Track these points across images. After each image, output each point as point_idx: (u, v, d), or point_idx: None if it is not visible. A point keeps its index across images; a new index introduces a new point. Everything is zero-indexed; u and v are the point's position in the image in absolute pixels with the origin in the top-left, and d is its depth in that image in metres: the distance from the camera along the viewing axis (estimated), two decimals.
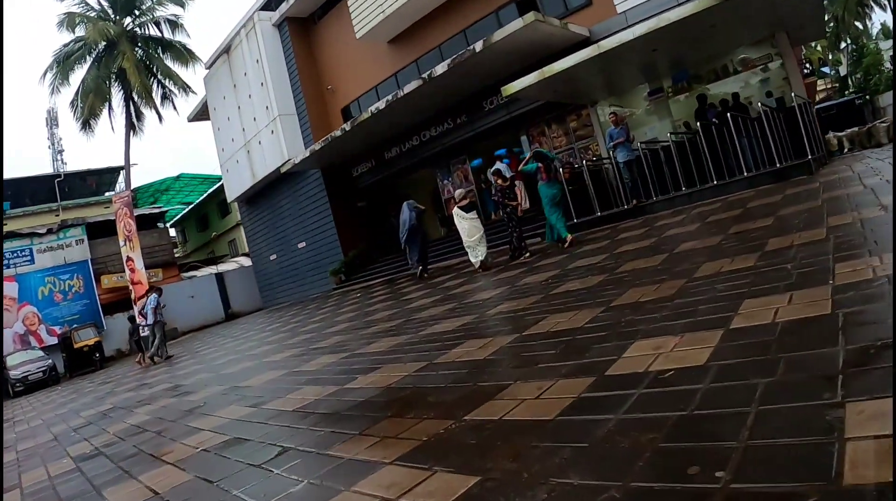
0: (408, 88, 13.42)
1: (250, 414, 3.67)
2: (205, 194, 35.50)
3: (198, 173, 38.53)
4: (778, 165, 9.23)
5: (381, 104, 14.06)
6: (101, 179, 39.98)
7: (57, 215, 31.95)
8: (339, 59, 19.02)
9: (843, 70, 35.18)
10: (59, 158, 46.62)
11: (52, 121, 48.62)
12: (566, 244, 8.87)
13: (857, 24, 31.60)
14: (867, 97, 28.95)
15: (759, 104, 10.32)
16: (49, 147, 50.52)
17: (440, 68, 12.67)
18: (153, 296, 12.27)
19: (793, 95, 11.21)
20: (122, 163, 37.27)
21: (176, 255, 41.79)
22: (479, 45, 12.12)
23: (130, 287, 24.62)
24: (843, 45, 33.63)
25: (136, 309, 14.13)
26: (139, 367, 11.95)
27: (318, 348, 6.24)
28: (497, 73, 13.03)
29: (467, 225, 9.31)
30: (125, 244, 24.76)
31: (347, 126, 15.15)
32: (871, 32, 33.79)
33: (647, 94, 14.53)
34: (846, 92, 32.25)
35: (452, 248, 14.16)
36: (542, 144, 15.73)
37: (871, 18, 32.42)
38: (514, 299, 5.27)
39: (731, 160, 11.22)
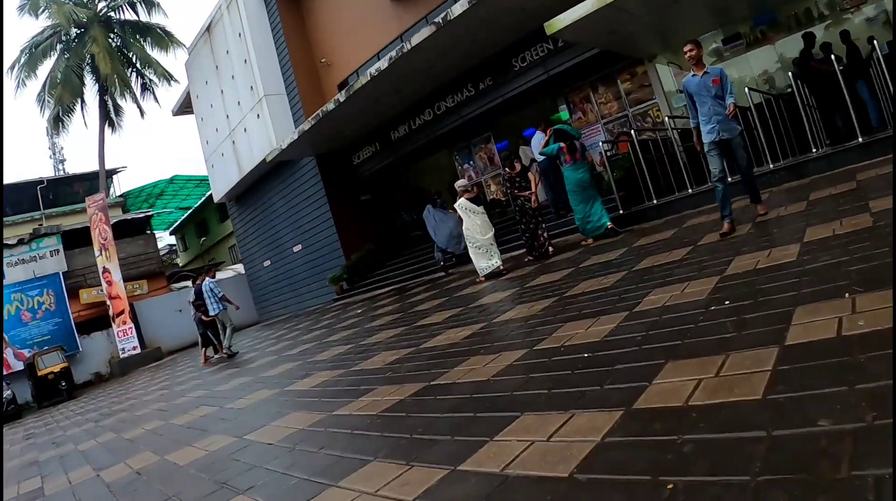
0: (417, 39, 10.28)
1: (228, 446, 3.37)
2: (203, 198, 32.69)
3: (193, 175, 35.79)
4: None
5: (383, 63, 10.93)
6: (91, 185, 37.43)
7: (40, 225, 29.29)
8: (334, 26, 15.93)
9: None
10: (61, 167, 44.33)
11: (53, 130, 46.62)
12: (615, 234, 7.56)
13: None
14: None
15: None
16: (50, 157, 48.21)
17: (458, 7, 9.52)
18: (207, 281, 10.43)
19: None
20: (115, 166, 34.85)
21: (178, 263, 39.40)
22: None
23: (108, 302, 21.80)
24: None
25: (189, 301, 11.95)
26: (205, 366, 10.50)
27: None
28: (531, 13, 9.87)
29: (479, 221, 7.85)
30: (101, 254, 21.95)
31: (342, 96, 12.05)
32: None
33: (721, 41, 11.40)
34: None
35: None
36: (585, 113, 12.54)
37: None
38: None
39: (835, 121, 8.22)
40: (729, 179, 5.12)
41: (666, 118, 11.27)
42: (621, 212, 8.45)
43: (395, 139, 14.42)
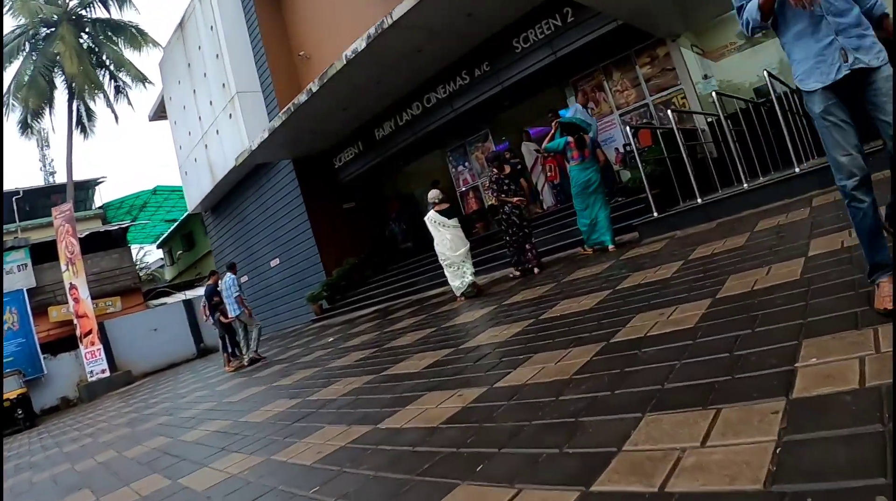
0: (399, 11, 8.55)
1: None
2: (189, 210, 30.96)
3: (178, 186, 34.07)
4: None
5: (361, 44, 9.20)
6: (76, 197, 35.90)
7: (15, 238, 27.54)
8: (314, 16, 14.25)
9: None
10: (51, 180, 42.81)
11: (44, 141, 45.54)
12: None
13: None
14: None
15: None
16: (41, 169, 46.91)
17: None
18: (228, 277, 9.40)
19: None
20: (98, 176, 33.25)
21: (166, 278, 37.62)
22: None
23: (75, 321, 20.00)
24: None
25: (203, 305, 10.56)
26: (228, 371, 9.49)
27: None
28: None
29: (450, 235, 7.29)
30: (67, 269, 20.17)
31: (315, 85, 10.31)
32: None
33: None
34: None
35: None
36: (598, 103, 10.79)
37: None
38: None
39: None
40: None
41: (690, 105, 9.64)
42: (655, 215, 6.66)
43: (380, 138, 12.66)
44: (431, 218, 7.32)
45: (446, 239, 7.25)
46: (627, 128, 7.14)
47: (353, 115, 12.07)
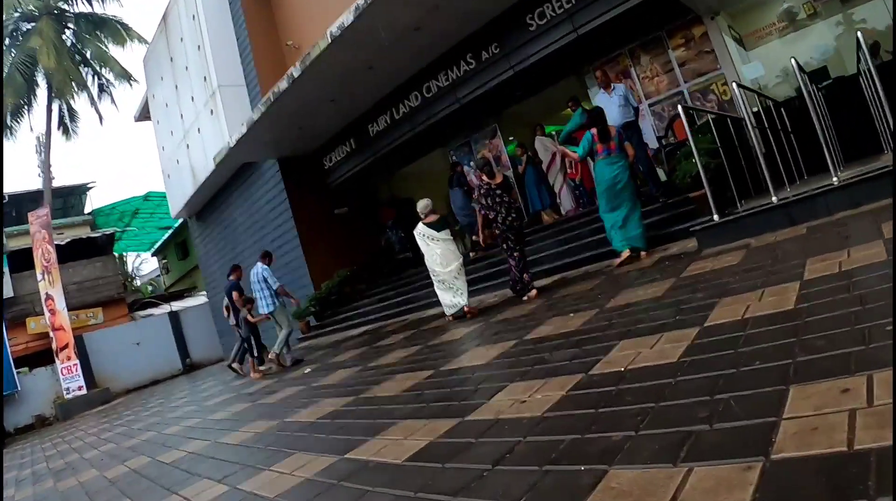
0: None
1: None
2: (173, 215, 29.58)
3: None
4: None
5: (347, 18, 7.75)
6: (65, 202, 34.69)
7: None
8: (304, 1, 12.85)
9: None
10: (51, 187, 41.62)
11: (43, 147, 44.56)
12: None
13: None
14: None
15: None
16: (39, 175, 45.86)
17: None
18: (260, 269, 8.43)
19: None
20: (87, 181, 31.99)
21: (163, 287, 36.19)
22: None
23: (51, 334, 18.61)
24: None
25: (224, 305, 9.34)
26: (255, 378, 8.24)
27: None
28: None
29: (440, 249, 6.58)
30: (43, 278, 18.76)
31: (297, 70, 8.88)
32: None
33: None
34: None
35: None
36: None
37: None
38: None
39: None
40: None
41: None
42: (716, 219, 5.15)
43: (375, 134, 11.18)
44: (420, 231, 6.70)
45: (436, 254, 6.58)
46: (679, 109, 5.60)
47: (344, 107, 10.63)
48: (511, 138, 11.19)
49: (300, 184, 12.77)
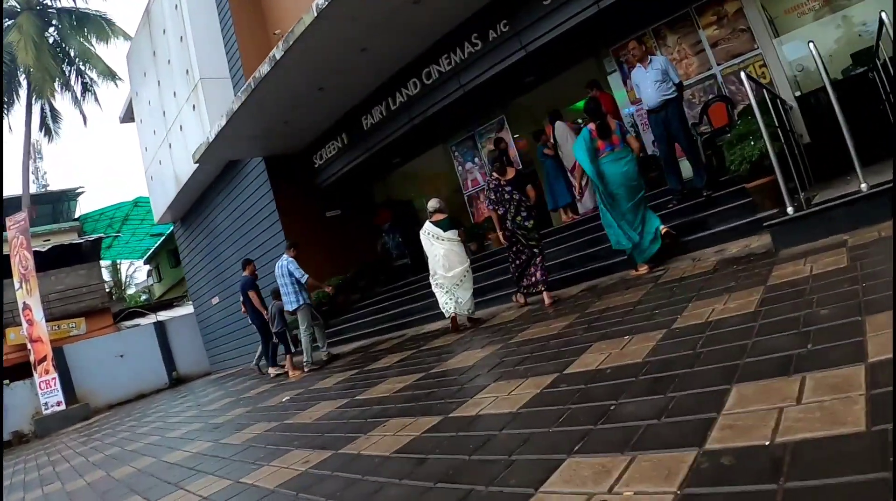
0: None
1: None
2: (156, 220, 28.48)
3: None
4: None
5: None
6: (55, 208, 33.70)
7: None
8: None
9: None
10: (32, 191, 40.69)
11: (36, 153, 43.84)
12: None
13: None
14: None
15: None
16: (33, 181, 45.07)
17: None
18: (285, 261, 7.78)
19: None
20: (76, 186, 30.96)
21: (156, 295, 35.05)
22: None
23: (29, 346, 17.53)
24: None
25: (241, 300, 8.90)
26: (294, 378, 7.63)
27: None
28: None
29: (443, 250, 6.07)
30: (21, 287, 17.68)
31: (279, 51, 7.82)
32: None
33: None
34: None
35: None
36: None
37: None
38: None
39: None
40: None
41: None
42: (790, 212, 4.06)
43: (369, 128, 10.09)
44: (426, 229, 6.29)
45: (438, 255, 6.11)
46: (743, 75, 4.52)
47: (334, 97, 9.56)
48: (517, 135, 10.15)
49: (289, 184, 11.69)
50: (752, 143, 4.85)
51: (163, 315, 22.71)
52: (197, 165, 12.20)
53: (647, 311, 3.59)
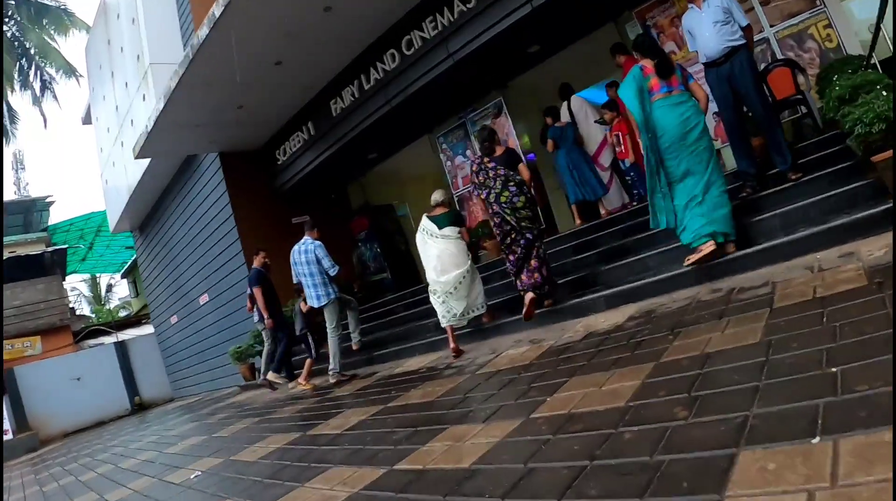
0: None
1: None
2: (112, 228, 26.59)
3: None
4: None
5: None
6: (25, 219, 31.79)
7: None
8: None
9: None
10: None
11: (19, 163, 42.19)
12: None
13: None
14: None
15: None
16: (15, 193, 43.30)
17: None
18: (311, 244, 6.21)
19: None
20: (46, 194, 29.12)
21: (136, 311, 33.05)
22: None
23: None
24: None
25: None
26: (304, 387, 6.43)
27: None
28: None
29: (437, 250, 5.12)
30: None
31: (218, 6, 6.11)
32: None
33: None
34: None
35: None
36: (680, 44, 6.60)
37: None
38: None
39: None
40: None
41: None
42: None
43: (338, 113, 8.33)
44: (421, 226, 5.41)
45: (431, 256, 5.14)
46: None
47: (296, 73, 7.83)
48: (522, 135, 8.46)
49: (248, 186, 9.92)
50: (886, 94, 3.14)
51: (127, 334, 20.76)
52: (147, 165, 10.47)
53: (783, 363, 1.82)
